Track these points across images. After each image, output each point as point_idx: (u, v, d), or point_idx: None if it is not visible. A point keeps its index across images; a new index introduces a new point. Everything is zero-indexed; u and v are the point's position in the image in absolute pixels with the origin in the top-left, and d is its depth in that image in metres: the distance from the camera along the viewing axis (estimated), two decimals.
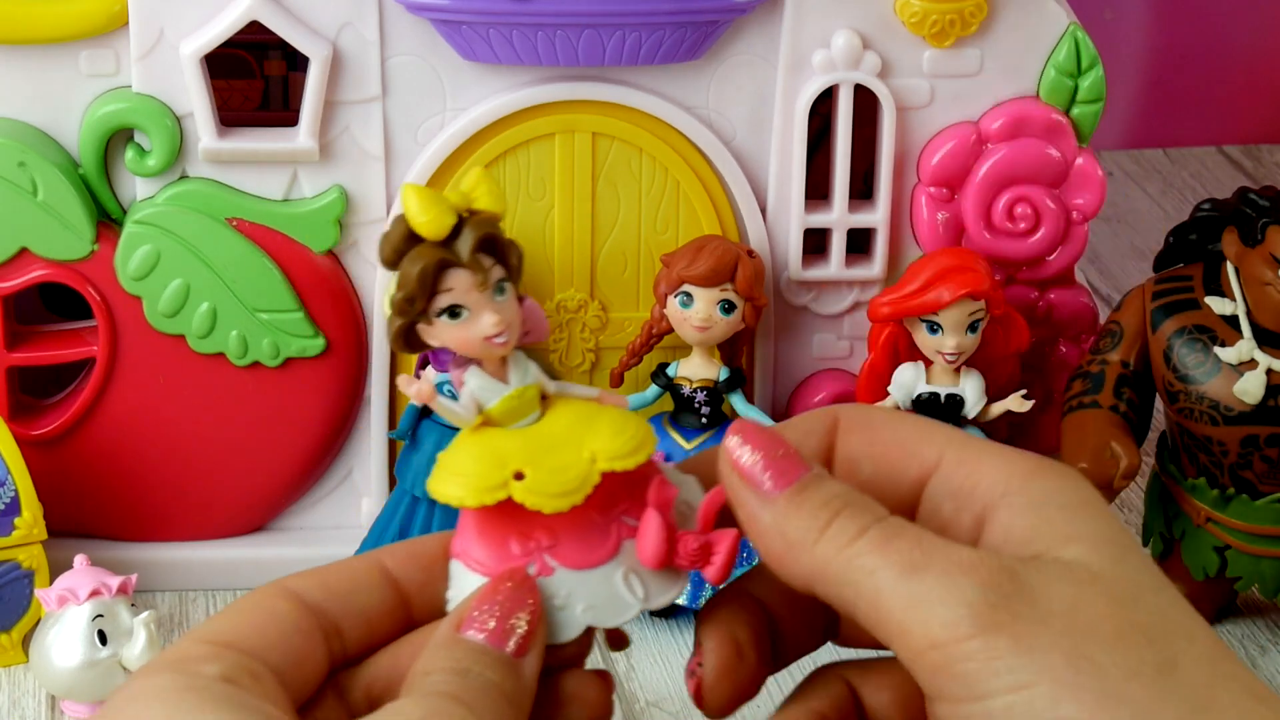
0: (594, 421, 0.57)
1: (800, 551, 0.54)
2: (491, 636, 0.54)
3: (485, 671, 0.53)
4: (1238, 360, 0.86)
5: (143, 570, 0.89)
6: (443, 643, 0.55)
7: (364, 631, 0.57)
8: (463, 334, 0.56)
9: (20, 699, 0.85)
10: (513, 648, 0.54)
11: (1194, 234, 0.89)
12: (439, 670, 0.53)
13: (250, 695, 0.52)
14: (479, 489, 0.55)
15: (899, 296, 0.87)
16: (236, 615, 0.55)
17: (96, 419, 0.90)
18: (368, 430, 0.92)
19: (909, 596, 0.52)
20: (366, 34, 0.86)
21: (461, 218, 0.55)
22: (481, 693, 0.53)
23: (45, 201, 0.87)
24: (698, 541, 0.56)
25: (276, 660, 0.54)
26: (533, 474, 0.55)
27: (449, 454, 0.56)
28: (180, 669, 0.53)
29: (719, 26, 0.87)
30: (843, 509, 0.54)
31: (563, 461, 0.55)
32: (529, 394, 0.57)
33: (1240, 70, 1.39)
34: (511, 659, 0.54)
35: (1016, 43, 0.89)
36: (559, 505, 0.55)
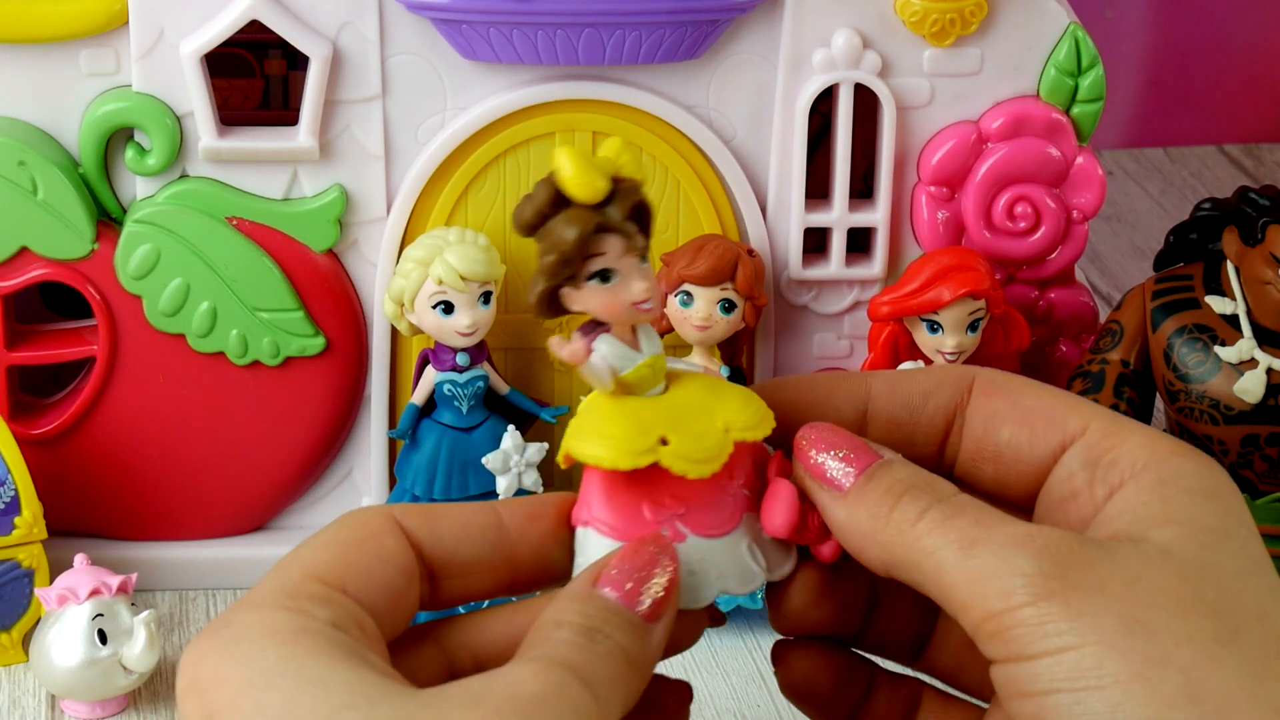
0: (721, 393, 0.57)
1: (871, 540, 0.55)
2: (626, 597, 0.53)
3: (615, 634, 0.52)
4: (1238, 359, 0.86)
5: (143, 569, 0.89)
6: (577, 595, 0.54)
7: (462, 583, 0.56)
8: (611, 298, 0.55)
9: (20, 698, 0.85)
10: (646, 610, 0.53)
11: (1194, 233, 0.89)
12: (568, 625, 0.52)
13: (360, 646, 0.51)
14: (629, 451, 0.54)
15: (899, 296, 0.87)
16: (344, 550, 0.54)
17: (96, 418, 0.90)
18: (368, 429, 0.92)
19: (967, 572, 0.52)
20: (367, 33, 0.86)
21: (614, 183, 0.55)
22: (606, 659, 0.52)
23: (45, 201, 0.86)
24: (818, 518, 0.56)
25: (381, 605, 0.53)
26: (676, 440, 0.55)
27: (589, 417, 0.56)
28: (293, 607, 0.51)
29: (719, 26, 0.87)
30: (904, 493, 0.55)
31: (700, 429, 0.55)
32: (660, 363, 0.57)
33: (1241, 69, 1.39)
34: (643, 622, 0.53)
35: (1017, 42, 0.89)
36: (703, 471, 0.55)
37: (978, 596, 0.52)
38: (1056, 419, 0.57)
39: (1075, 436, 0.57)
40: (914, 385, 0.59)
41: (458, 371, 0.88)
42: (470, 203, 0.89)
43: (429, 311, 0.86)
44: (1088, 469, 0.56)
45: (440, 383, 0.88)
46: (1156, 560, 0.52)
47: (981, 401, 0.58)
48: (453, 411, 0.88)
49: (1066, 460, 0.57)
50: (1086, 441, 0.56)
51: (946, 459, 0.60)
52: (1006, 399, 0.58)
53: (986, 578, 0.52)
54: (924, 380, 0.59)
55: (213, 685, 0.50)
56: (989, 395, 0.58)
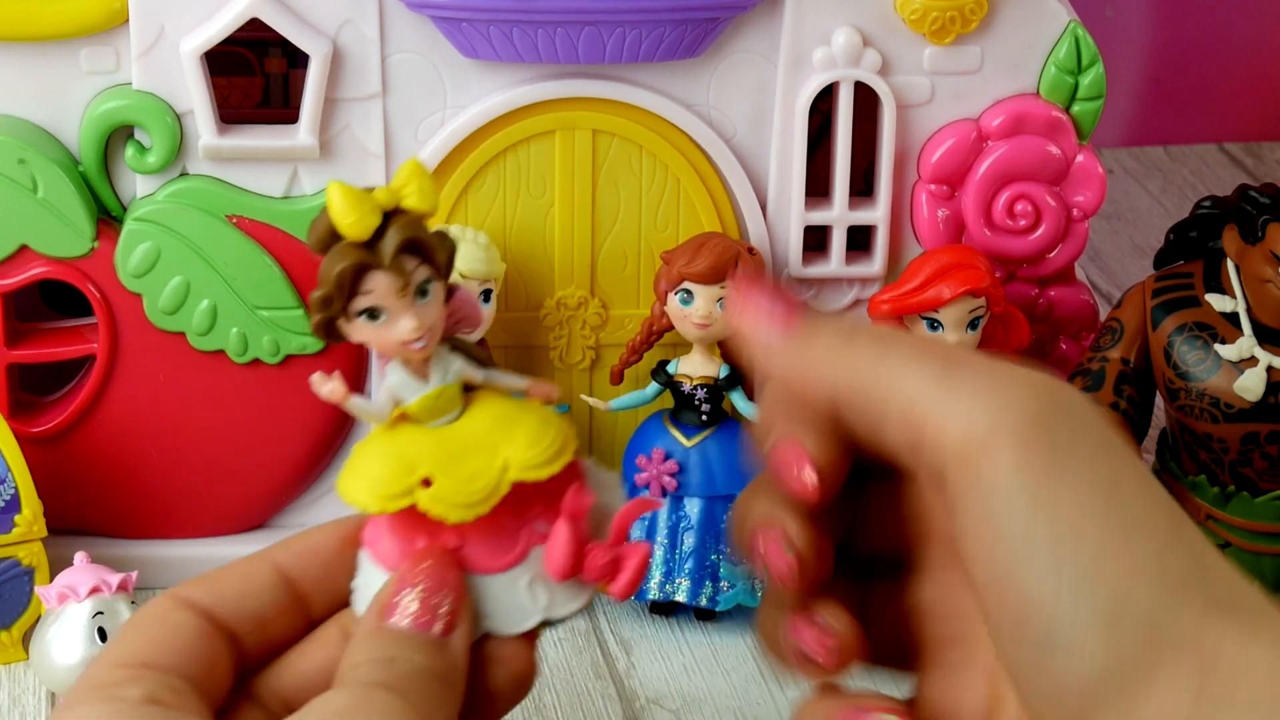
0: (513, 426, 0.56)
1: (827, 365, 0.53)
2: (416, 621, 0.54)
3: (413, 656, 0.53)
4: (1238, 357, 0.86)
5: (143, 567, 0.89)
6: (368, 634, 0.54)
7: (260, 635, 0.57)
8: (380, 336, 0.55)
9: (20, 696, 0.85)
10: (439, 629, 0.54)
11: (1194, 231, 0.89)
12: (366, 661, 0.53)
13: (177, 713, 0.53)
14: (383, 495, 0.55)
15: (899, 294, 0.87)
16: (141, 633, 0.55)
17: (96, 416, 0.90)
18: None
19: (948, 393, 0.51)
20: (367, 31, 0.86)
21: (389, 215, 0.54)
22: (410, 676, 0.52)
23: (45, 199, 0.86)
24: (606, 556, 0.55)
25: (189, 670, 0.54)
26: (440, 481, 0.54)
27: (359, 453, 0.56)
28: (105, 696, 0.53)
29: (719, 24, 0.87)
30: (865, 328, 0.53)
31: (474, 469, 0.55)
32: (448, 393, 0.56)
33: (1241, 68, 1.39)
34: (439, 639, 0.54)
35: (1017, 40, 0.89)
36: (464, 516, 0.54)
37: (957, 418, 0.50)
38: None
39: None
40: None
41: None
42: (470, 201, 0.89)
43: None
44: None
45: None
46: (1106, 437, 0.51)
47: None
48: None
49: None
50: None
51: None
52: None
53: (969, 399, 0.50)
54: None
55: None
56: None
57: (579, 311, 0.91)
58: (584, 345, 0.92)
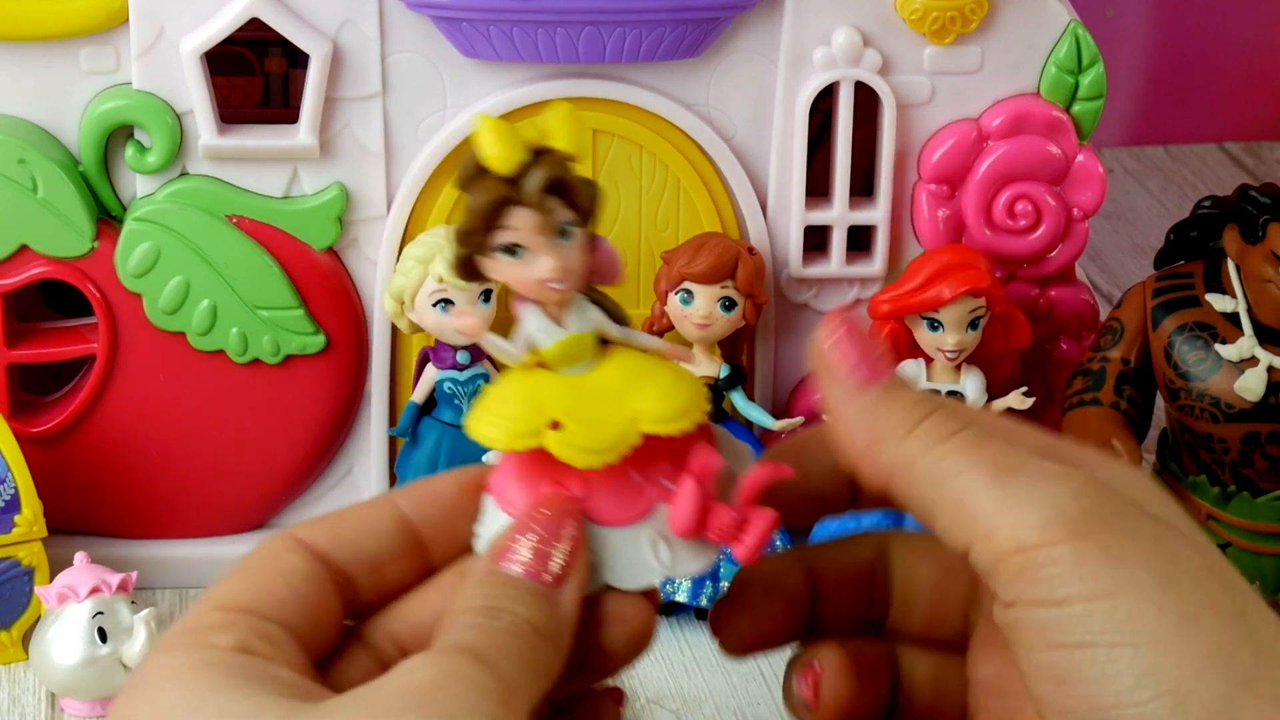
0: (646, 380, 0.55)
1: (886, 445, 0.53)
2: (528, 568, 0.53)
3: (518, 609, 0.52)
4: (1238, 357, 0.86)
5: (143, 568, 0.89)
6: (479, 576, 0.53)
7: (376, 579, 0.55)
8: (519, 273, 0.54)
9: (20, 696, 0.85)
10: (550, 578, 0.53)
11: (1195, 231, 0.89)
12: (469, 610, 0.52)
13: (267, 663, 0.51)
14: (513, 433, 0.54)
15: (899, 294, 0.87)
16: (246, 575, 0.54)
17: (96, 416, 0.90)
18: (368, 427, 0.92)
19: (1000, 499, 0.50)
20: (367, 31, 0.86)
21: (535, 154, 0.54)
22: (507, 634, 0.51)
23: (45, 198, 0.86)
24: (731, 517, 0.54)
25: (291, 618, 0.53)
26: (570, 425, 0.54)
27: (492, 392, 0.55)
28: (194, 642, 0.51)
29: (719, 24, 0.87)
30: (935, 410, 0.53)
31: (603, 417, 0.54)
32: (583, 341, 0.55)
33: (1241, 67, 1.39)
34: (548, 590, 0.52)
35: (1017, 40, 0.89)
36: (591, 462, 0.53)
37: (1009, 526, 0.50)
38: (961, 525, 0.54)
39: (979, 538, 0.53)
40: None
41: (458, 369, 0.88)
42: None
43: (429, 309, 0.86)
44: None
45: (440, 381, 0.88)
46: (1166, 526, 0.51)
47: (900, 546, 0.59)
48: (453, 409, 0.88)
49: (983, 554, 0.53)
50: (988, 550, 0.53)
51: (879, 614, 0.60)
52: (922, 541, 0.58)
53: (1020, 506, 0.50)
54: None
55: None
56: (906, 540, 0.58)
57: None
58: None
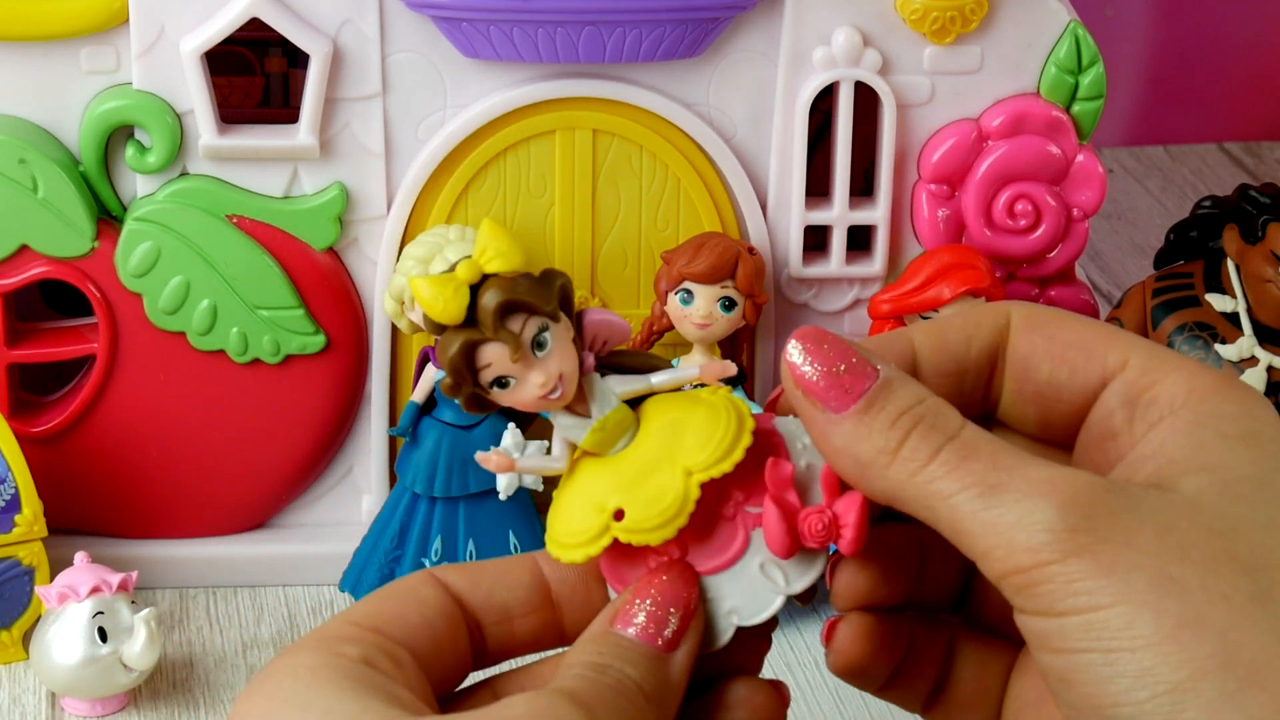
0: (682, 432, 0.56)
1: (874, 475, 0.52)
2: (642, 631, 0.53)
3: (625, 667, 0.52)
4: (1238, 357, 0.87)
5: (143, 567, 0.89)
6: (593, 636, 0.54)
7: (506, 629, 0.56)
8: (517, 399, 0.56)
9: (20, 696, 0.85)
10: (663, 643, 0.53)
11: (1194, 231, 0.90)
12: (579, 664, 0.53)
13: (387, 679, 0.52)
14: (583, 544, 0.55)
15: (899, 294, 0.88)
16: (384, 600, 0.55)
17: (97, 416, 0.90)
18: (368, 427, 0.92)
19: (988, 521, 0.50)
20: (367, 31, 0.86)
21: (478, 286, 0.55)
22: (613, 691, 0.52)
23: (45, 198, 0.86)
24: (822, 520, 0.54)
25: (420, 645, 0.54)
26: (631, 510, 0.55)
27: (555, 505, 0.56)
28: (323, 648, 0.53)
29: (719, 23, 0.87)
30: (913, 428, 0.52)
31: (659, 487, 0.55)
32: (612, 420, 0.56)
33: (1241, 67, 1.39)
34: (659, 653, 0.53)
35: (1017, 40, 0.89)
36: (664, 535, 0.54)
37: (1001, 548, 0.50)
38: (1096, 354, 0.55)
39: (1115, 372, 0.54)
40: (955, 333, 0.56)
41: None
42: (471, 200, 0.89)
43: None
44: (1127, 407, 0.53)
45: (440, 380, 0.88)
46: (1186, 513, 0.50)
47: (1020, 340, 0.56)
48: (453, 409, 0.88)
49: (1105, 398, 0.54)
50: (1126, 378, 0.54)
51: (990, 401, 0.57)
52: (1044, 334, 0.56)
53: (1010, 529, 0.50)
54: (963, 325, 0.56)
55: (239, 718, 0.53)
56: (1027, 332, 0.56)
57: None
58: None
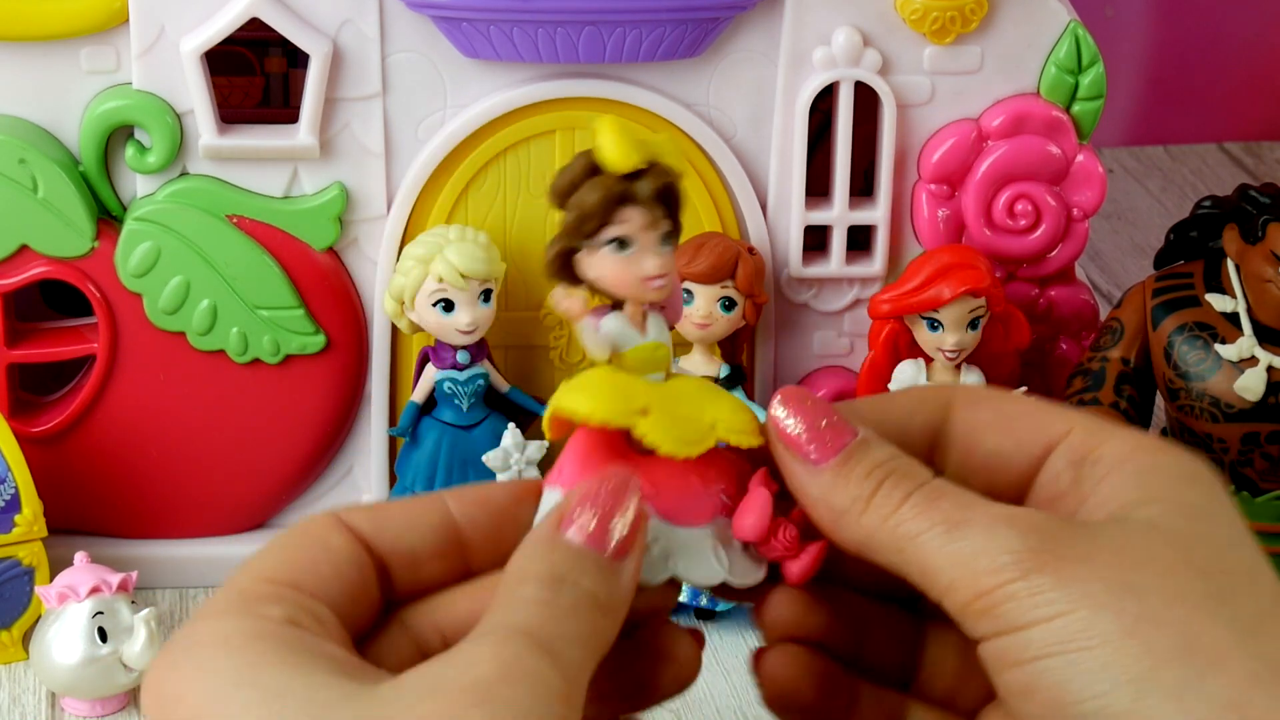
0: (717, 396, 0.57)
1: (848, 522, 0.54)
2: (591, 538, 0.52)
3: (581, 580, 0.52)
4: (1238, 357, 0.86)
5: (143, 567, 0.89)
6: (541, 541, 0.53)
7: (413, 574, 0.55)
8: (624, 268, 0.55)
9: (20, 696, 0.85)
10: (612, 549, 0.53)
11: (1195, 231, 0.89)
12: (531, 579, 0.51)
13: (318, 639, 0.51)
14: (608, 408, 0.54)
15: (899, 293, 0.87)
16: (292, 550, 0.54)
17: (97, 416, 0.90)
18: (368, 427, 0.92)
19: (953, 553, 0.52)
20: (367, 31, 0.86)
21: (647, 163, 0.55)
22: (572, 613, 0.51)
23: (45, 198, 0.86)
24: (788, 535, 0.56)
25: (334, 597, 0.53)
26: (657, 414, 0.54)
27: (579, 378, 0.56)
28: (244, 610, 0.51)
29: (719, 23, 0.87)
30: (886, 477, 0.54)
31: (686, 416, 0.55)
32: (663, 351, 0.57)
33: (1241, 67, 1.39)
34: (610, 561, 0.53)
35: (1017, 40, 0.89)
36: (676, 450, 0.54)
37: (966, 576, 0.52)
38: (1040, 424, 0.57)
39: (1059, 439, 0.56)
40: (898, 407, 0.58)
41: (458, 369, 0.88)
42: (470, 200, 0.89)
43: (429, 309, 0.86)
44: (1073, 468, 0.56)
45: (440, 380, 0.88)
46: (1142, 531, 0.52)
47: (965, 413, 0.58)
48: (453, 409, 0.88)
49: (1052, 461, 0.56)
50: (1070, 443, 0.56)
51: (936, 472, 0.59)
52: (988, 408, 0.58)
53: (974, 556, 0.52)
54: (906, 400, 0.59)
55: (171, 699, 0.50)
56: (971, 407, 0.58)
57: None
58: None
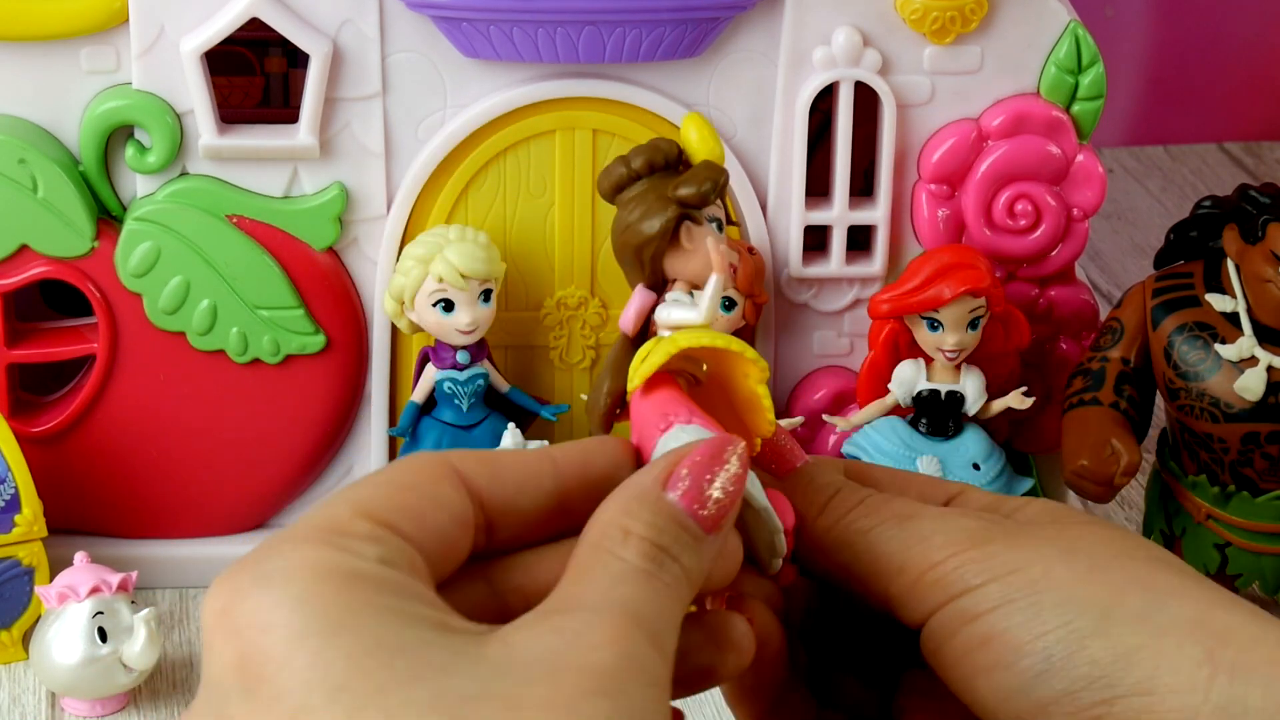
0: None
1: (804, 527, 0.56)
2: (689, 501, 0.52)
3: (681, 554, 0.52)
4: (1238, 357, 0.86)
5: (143, 567, 0.89)
6: (646, 498, 0.52)
7: (517, 531, 0.54)
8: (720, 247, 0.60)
9: (20, 696, 0.85)
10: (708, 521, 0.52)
11: (1194, 231, 0.89)
12: (636, 541, 0.51)
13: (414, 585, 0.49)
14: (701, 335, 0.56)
15: (899, 293, 0.87)
16: (399, 491, 0.51)
17: (97, 416, 0.90)
18: (368, 427, 0.92)
19: (905, 538, 0.54)
20: (367, 31, 0.86)
21: None
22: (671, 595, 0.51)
23: (45, 198, 0.87)
24: None
25: (431, 548, 0.51)
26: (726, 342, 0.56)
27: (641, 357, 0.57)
28: (339, 544, 0.48)
29: (719, 23, 0.87)
30: (839, 490, 0.57)
31: None
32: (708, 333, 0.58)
33: (1241, 67, 1.39)
34: (703, 534, 0.52)
35: (1017, 40, 0.89)
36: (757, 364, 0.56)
37: (918, 555, 0.54)
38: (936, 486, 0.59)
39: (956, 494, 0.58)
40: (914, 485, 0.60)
41: (458, 369, 0.88)
42: (470, 200, 0.89)
43: (429, 309, 0.86)
44: None
45: (440, 380, 0.88)
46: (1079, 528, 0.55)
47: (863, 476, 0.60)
48: (453, 409, 0.88)
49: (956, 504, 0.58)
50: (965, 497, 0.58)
51: None
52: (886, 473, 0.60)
53: (927, 537, 0.54)
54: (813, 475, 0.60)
55: (254, 626, 0.47)
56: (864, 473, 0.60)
57: (579, 311, 0.91)
58: (584, 345, 0.92)
